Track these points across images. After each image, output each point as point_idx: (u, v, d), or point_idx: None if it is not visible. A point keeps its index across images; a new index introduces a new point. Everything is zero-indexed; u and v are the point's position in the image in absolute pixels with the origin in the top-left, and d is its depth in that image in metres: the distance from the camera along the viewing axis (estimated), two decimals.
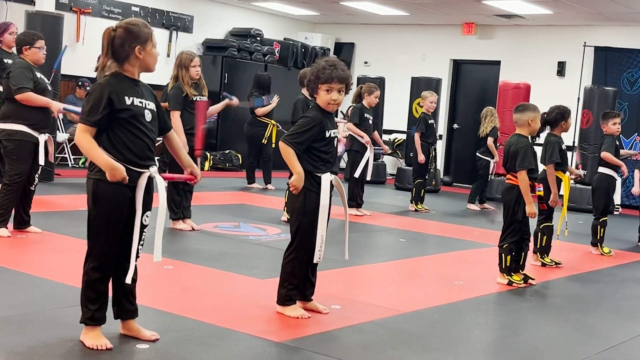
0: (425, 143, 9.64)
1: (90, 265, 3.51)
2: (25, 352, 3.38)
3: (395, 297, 5.11)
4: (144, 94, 3.59)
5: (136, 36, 3.51)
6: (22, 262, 5.17)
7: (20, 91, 5.82)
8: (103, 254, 3.50)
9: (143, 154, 3.55)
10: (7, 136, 5.85)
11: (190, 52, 6.94)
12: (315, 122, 4.23)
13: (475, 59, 14.41)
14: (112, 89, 3.46)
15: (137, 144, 3.52)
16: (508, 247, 5.63)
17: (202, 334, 3.86)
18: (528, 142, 5.67)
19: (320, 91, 4.28)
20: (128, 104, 3.49)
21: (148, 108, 3.59)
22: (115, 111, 3.45)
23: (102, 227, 3.49)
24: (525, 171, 5.57)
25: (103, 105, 3.42)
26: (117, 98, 3.46)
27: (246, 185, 10.89)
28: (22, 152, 5.86)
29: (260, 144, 10.73)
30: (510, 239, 5.63)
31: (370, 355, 3.78)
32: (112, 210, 3.48)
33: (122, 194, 3.48)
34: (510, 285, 5.60)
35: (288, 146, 4.19)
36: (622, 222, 9.59)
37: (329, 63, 4.29)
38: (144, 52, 3.53)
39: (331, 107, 4.31)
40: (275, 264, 4.41)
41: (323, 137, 4.26)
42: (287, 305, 4.34)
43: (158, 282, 4.84)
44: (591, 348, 4.28)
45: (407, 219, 9.02)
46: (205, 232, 6.89)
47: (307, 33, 15.51)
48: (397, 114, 13.78)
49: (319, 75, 4.27)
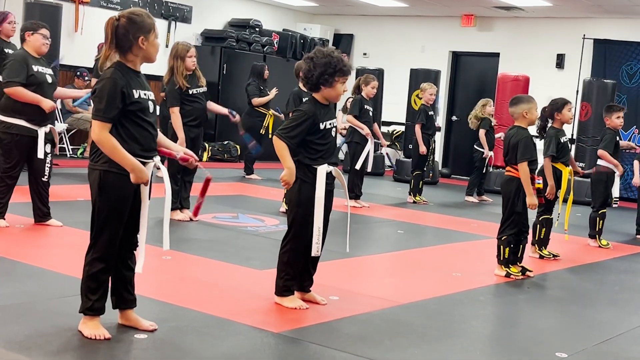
0: (425, 135, 9.65)
1: (93, 255, 3.51)
2: (23, 341, 3.39)
3: (393, 288, 5.11)
4: (145, 86, 3.60)
5: (140, 26, 3.49)
6: (20, 251, 5.17)
7: (9, 85, 5.73)
8: (108, 245, 3.50)
9: (149, 146, 3.56)
10: (5, 129, 5.80)
11: (186, 43, 6.92)
12: (308, 116, 4.21)
13: (474, 50, 14.39)
14: (123, 82, 3.44)
15: (144, 136, 3.53)
16: (507, 239, 5.63)
17: (200, 324, 3.87)
18: (528, 134, 5.66)
19: (337, 84, 4.25)
20: (136, 98, 3.48)
21: (150, 99, 3.60)
22: (126, 105, 3.45)
23: (108, 218, 3.49)
24: (526, 163, 5.57)
25: (118, 100, 3.41)
26: (128, 92, 3.45)
27: (244, 176, 10.89)
28: (17, 145, 5.79)
29: (259, 135, 10.74)
30: (509, 231, 5.63)
31: (368, 346, 3.79)
32: (118, 201, 3.48)
33: (128, 185, 3.48)
34: (508, 277, 5.61)
35: (281, 140, 4.18)
36: (620, 215, 9.61)
37: (337, 56, 4.26)
38: (147, 42, 3.51)
39: (339, 98, 4.33)
40: (273, 255, 4.42)
41: (318, 130, 4.24)
42: (285, 296, 4.35)
43: (156, 273, 4.84)
44: (588, 340, 4.30)
45: (406, 211, 9.03)
46: (204, 222, 6.89)
47: (306, 24, 15.48)
48: (396, 105, 13.77)
49: (339, 68, 4.22)
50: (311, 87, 4.32)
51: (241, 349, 3.60)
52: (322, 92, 4.29)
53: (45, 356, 3.24)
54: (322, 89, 4.28)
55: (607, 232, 7.74)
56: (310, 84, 4.30)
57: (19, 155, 5.82)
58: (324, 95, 4.30)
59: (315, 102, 4.30)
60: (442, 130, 14.54)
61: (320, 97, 4.31)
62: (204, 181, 3.81)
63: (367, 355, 3.63)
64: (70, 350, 3.35)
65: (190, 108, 6.82)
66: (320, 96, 4.31)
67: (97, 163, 3.48)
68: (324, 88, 4.27)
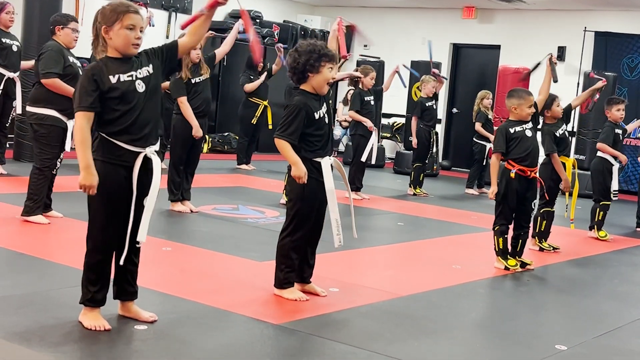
0: (425, 127, 9.64)
1: (89, 246, 3.52)
2: (23, 332, 3.39)
3: (392, 280, 5.12)
4: (133, 67, 3.52)
5: (106, 17, 3.47)
6: (21, 242, 5.17)
7: (47, 76, 5.74)
8: (100, 235, 3.49)
9: (140, 134, 3.50)
10: (38, 120, 5.75)
11: None
12: (300, 107, 4.20)
13: (475, 43, 14.37)
14: (94, 71, 3.43)
15: (132, 122, 3.47)
16: (499, 230, 5.63)
17: (200, 316, 3.87)
18: (503, 126, 5.64)
19: (324, 69, 4.24)
20: (114, 82, 3.44)
21: (140, 77, 3.51)
22: (103, 92, 3.43)
23: (99, 208, 3.49)
24: (498, 154, 5.58)
25: (90, 87, 3.39)
26: (101, 79, 3.42)
27: (235, 167, 10.89)
28: (52, 136, 5.77)
29: (251, 124, 10.76)
30: (500, 222, 5.62)
31: (368, 338, 3.79)
32: (107, 190, 3.46)
33: (116, 175, 3.47)
34: (507, 270, 5.61)
35: (281, 139, 4.18)
36: (620, 208, 9.60)
37: (320, 44, 4.25)
38: (112, 32, 3.46)
39: (327, 86, 4.29)
40: (273, 247, 4.42)
41: (313, 120, 4.23)
42: (284, 288, 4.35)
43: (156, 264, 4.85)
44: (588, 333, 4.30)
45: (406, 203, 9.03)
46: (204, 214, 6.89)
47: (306, 15, 15.44)
48: (396, 97, 13.73)
49: (324, 53, 4.21)
50: (299, 78, 4.30)
51: (241, 340, 3.61)
52: (310, 80, 4.26)
53: (46, 347, 3.24)
54: (310, 76, 4.25)
55: (608, 225, 7.74)
56: (298, 73, 4.27)
57: (55, 146, 5.80)
58: (312, 84, 4.27)
59: (305, 93, 4.29)
60: (443, 123, 14.54)
61: (309, 87, 4.29)
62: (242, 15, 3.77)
63: (366, 347, 3.63)
64: (71, 341, 3.35)
65: (193, 98, 6.82)
66: (309, 86, 4.28)
67: None
68: (312, 75, 4.24)
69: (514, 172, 5.54)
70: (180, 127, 6.82)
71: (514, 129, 5.63)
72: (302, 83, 4.31)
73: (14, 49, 8.16)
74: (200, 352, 3.37)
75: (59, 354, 3.18)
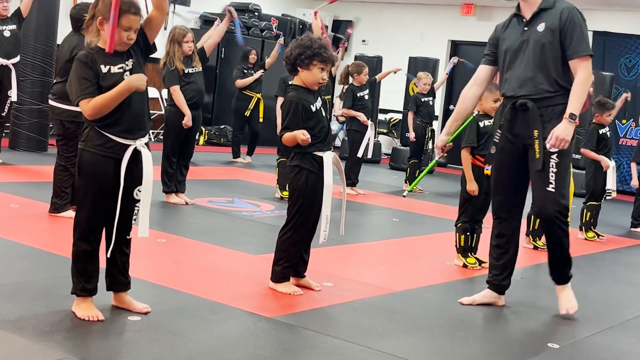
0: (421, 123, 9.65)
1: (76, 236, 3.52)
2: (17, 321, 3.39)
3: (387, 276, 5.12)
4: (122, 59, 3.50)
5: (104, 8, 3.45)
6: (14, 231, 5.16)
7: None
8: (86, 224, 3.49)
9: (130, 125, 3.50)
10: (71, 117, 5.66)
11: (183, 28, 6.91)
12: (295, 101, 4.20)
13: (473, 40, 14.35)
14: (88, 59, 3.43)
15: (122, 114, 3.46)
16: (462, 227, 5.55)
17: (194, 308, 3.87)
18: (472, 120, 5.51)
19: (315, 68, 4.23)
20: (104, 71, 3.45)
21: (127, 70, 3.51)
22: (98, 80, 3.43)
23: (85, 197, 3.50)
24: (468, 148, 5.46)
25: (88, 74, 3.40)
26: (94, 66, 3.43)
27: (231, 160, 10.88)
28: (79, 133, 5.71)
29: (244, 117, 10.77)
30: (463, 219, 5.55)
31: (361, 332, 3.80)
32: (94, 180, 3.46)
33: (104, 165, 3.47)
34: (465, 267, 5.53)
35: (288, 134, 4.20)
36: (615, 208, 9.63)
37: (320, 44, 4.25)
38: (107, 26, 3.44)
39: (317, 86, 4.29)
40: (268, 240, 4.42)
41: (311, 113, 4.24)
42: (280, 282, 4.35)
43: (150, 255, 4.85)
44: (581, 331, 4.31)
45: (401, 199, 9.03)
46: (199, 206, 6.89)
47: (305, 9, 15.41)
48: (394, 93, 13.75)
49: (318, 53, 4.21)
50: (290, 69, 4.32)
51: (234, 333, 3.61)
52: (300, 75, 4.27)
53: (39, 336, 3.24)
54: (300, 70, 4.25)
55: (602, 224, 7.76)
56: (289, 64, 4.29)
57: None
58: (302, 79, 4.27)
59: (297, 88, 4.29)
60: (440, 119, 14.53)
61: (299, 81, 4.29)
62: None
63: (360, 341, 3.64)
64: (63, 330, 3.35)
65: (185, 89, 6.83)
66: (300, 80, 4.29)
67: (80, 142, 3.51)
68: (301, 70, 4.25)
69: (489, 168, 5.19)
70: (173, 119, 6.84)
71: (483, 122, 5.51)
72: (292, 74, 4.34)
73: (6, 34, 8.00)
74: (193, 344, 3.37)
75: (52, 343, 3.18)
